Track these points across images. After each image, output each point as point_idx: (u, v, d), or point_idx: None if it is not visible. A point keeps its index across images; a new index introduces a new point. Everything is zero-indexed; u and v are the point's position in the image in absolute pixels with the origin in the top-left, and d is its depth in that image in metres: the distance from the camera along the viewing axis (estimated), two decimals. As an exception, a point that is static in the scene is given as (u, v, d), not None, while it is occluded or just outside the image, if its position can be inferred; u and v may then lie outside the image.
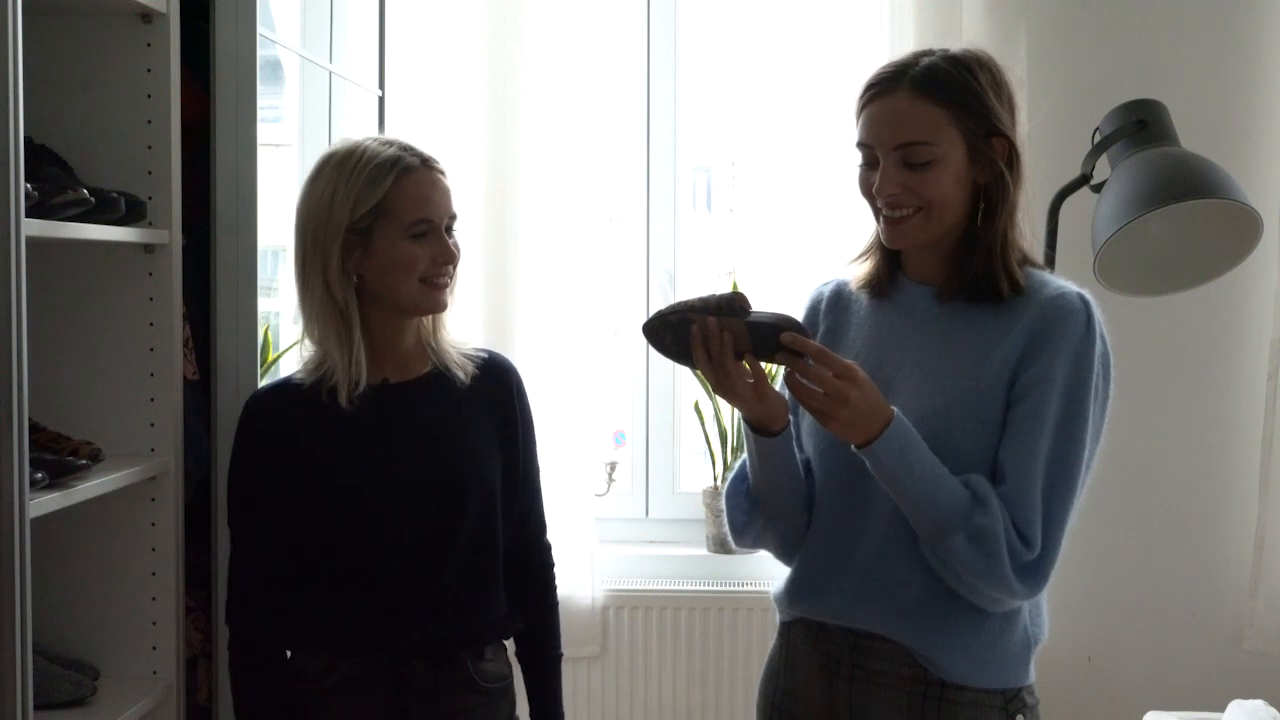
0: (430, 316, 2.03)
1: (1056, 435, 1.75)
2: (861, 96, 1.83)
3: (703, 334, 1.76)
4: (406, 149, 1.97)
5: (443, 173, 1.99)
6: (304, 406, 1.99)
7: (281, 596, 2.00)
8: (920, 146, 1.77)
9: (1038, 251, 1.94)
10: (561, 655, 2.15)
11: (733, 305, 1.75)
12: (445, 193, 1.98)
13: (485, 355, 2.09)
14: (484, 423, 2.05)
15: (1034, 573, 1.74)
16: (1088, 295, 1.80)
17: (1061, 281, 1.83)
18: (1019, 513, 1.73)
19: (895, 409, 1.74)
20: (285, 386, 2.04)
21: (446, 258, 1.97)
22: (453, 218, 2.00)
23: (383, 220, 1.93)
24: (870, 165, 1.82)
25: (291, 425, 1.99)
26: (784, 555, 1.97)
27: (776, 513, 1.91)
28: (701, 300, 1.77)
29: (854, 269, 1.94)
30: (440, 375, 2.04)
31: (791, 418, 1.88)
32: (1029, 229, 1.86)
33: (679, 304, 1.79)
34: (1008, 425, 1.77)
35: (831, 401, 1.71)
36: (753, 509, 1.94)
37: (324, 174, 1.96)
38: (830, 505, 1.89)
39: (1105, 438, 1.82)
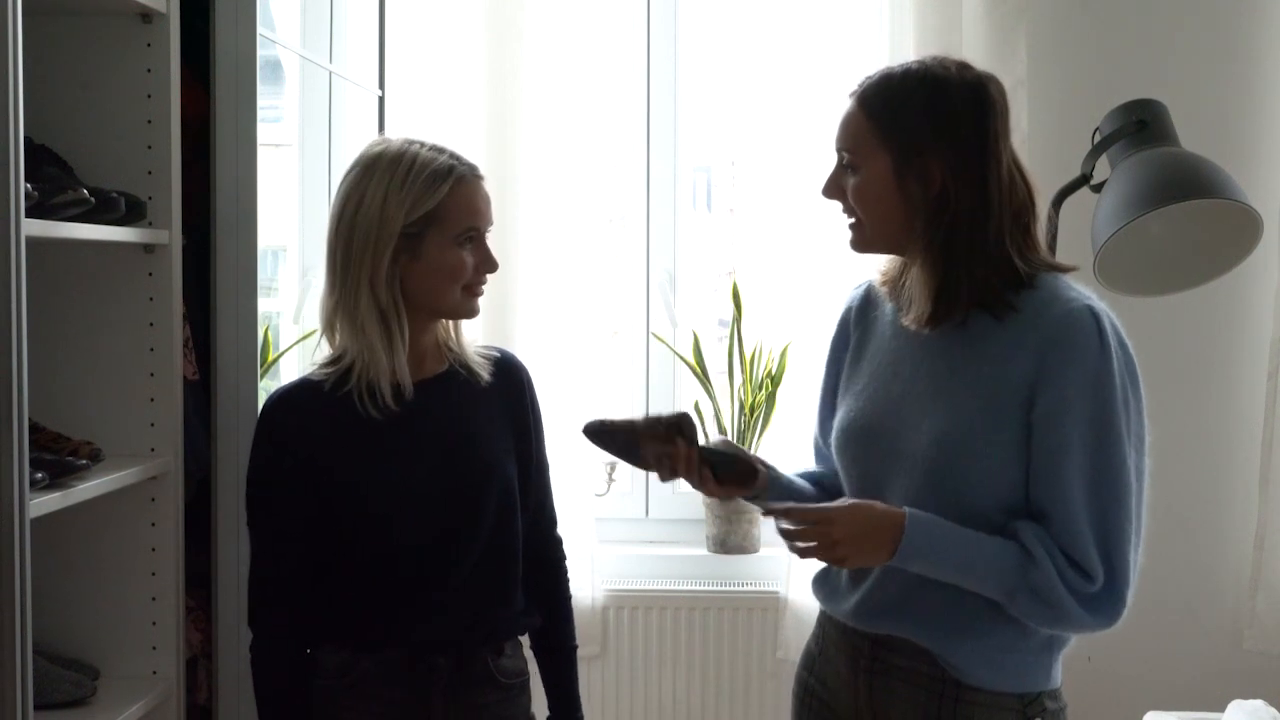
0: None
1: (1091, 462, 1.72)
2: None
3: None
4: (456, 157, 1.99)
5: (484, 180, 2.03)
6: (322, 405, 1.99)
7: (301, 594, 2.00)
8: (846, 153, 1.83)
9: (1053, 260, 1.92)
10: (576, 648, 2.17)
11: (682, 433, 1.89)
12: (488, 201, 2.02)
13: (497, 354, 2.11)
14: (499, 420, 2.06)
15: (1104, 603, 1.73)
16: (1098, 307, 1.75)
17: (1074, 293, 1.77)
18: (1071, 548, 1.72)
19: (906, 510, 1.74)
20: (303, 386, 2.04)
21: (489, 266, 2.01)
22: (490, 225, 2.03)
23: (434, 226, 1.95)
24: None
25: (310, 424, 1.99)
26: None
27: None
28: (648, 422, 1.90)
29: (882, 263, 1.95)
30: (454, 374, 2.05)
31: (818, 433, 1.96)
32: (1042, 237, 1.85)
33: (624, 423, 1.92)
34: (1034, 460, 1.74)
35: (823, 551, 1.75)
36: None
37: (374, 176, 1.95)
38: None
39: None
